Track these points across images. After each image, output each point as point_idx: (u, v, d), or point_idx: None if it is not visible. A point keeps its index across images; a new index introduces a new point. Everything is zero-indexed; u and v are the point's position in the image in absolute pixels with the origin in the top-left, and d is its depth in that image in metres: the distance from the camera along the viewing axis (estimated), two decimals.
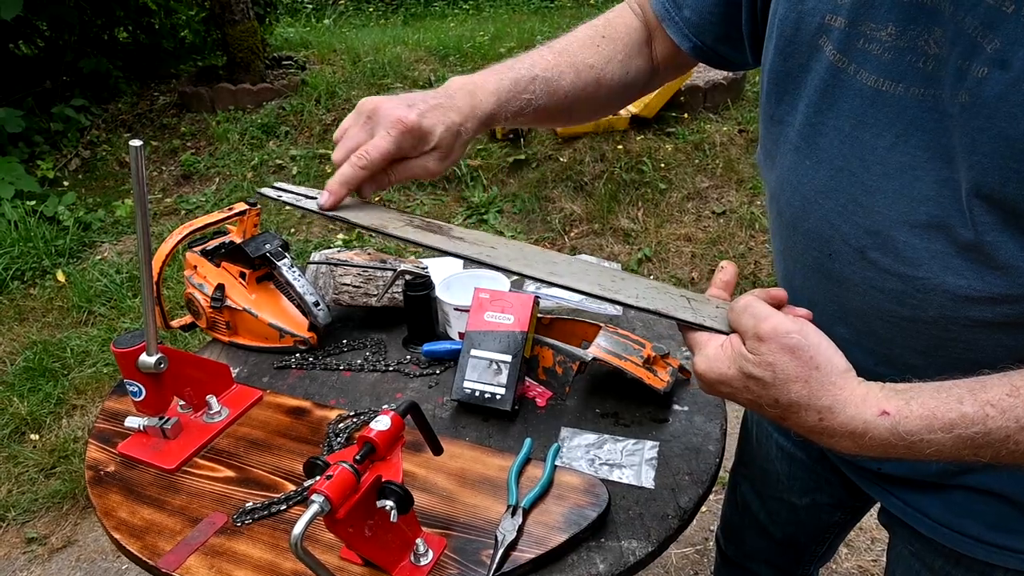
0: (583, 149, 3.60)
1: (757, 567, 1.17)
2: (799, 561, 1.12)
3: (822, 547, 1.09)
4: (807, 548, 1.09)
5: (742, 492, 1.11)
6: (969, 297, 0.55)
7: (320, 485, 0.64)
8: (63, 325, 2.85)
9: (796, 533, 1.07)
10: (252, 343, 1.21)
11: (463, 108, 0.72)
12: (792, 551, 1.10)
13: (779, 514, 1.05)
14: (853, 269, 0.62)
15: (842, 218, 0.61)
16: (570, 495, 0.86)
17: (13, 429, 2.33)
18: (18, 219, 3.33)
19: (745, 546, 1.17)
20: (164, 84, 4.87)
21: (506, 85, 0.75)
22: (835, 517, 1.01)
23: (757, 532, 1.11)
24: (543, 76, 0.77)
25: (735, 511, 1.15)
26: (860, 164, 0.58)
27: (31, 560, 1.94)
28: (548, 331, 1.14)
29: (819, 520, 1.02)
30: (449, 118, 0.71)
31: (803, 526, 1.04)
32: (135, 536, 0.84)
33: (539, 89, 0.76)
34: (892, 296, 0.60)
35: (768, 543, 1.11)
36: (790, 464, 0.97)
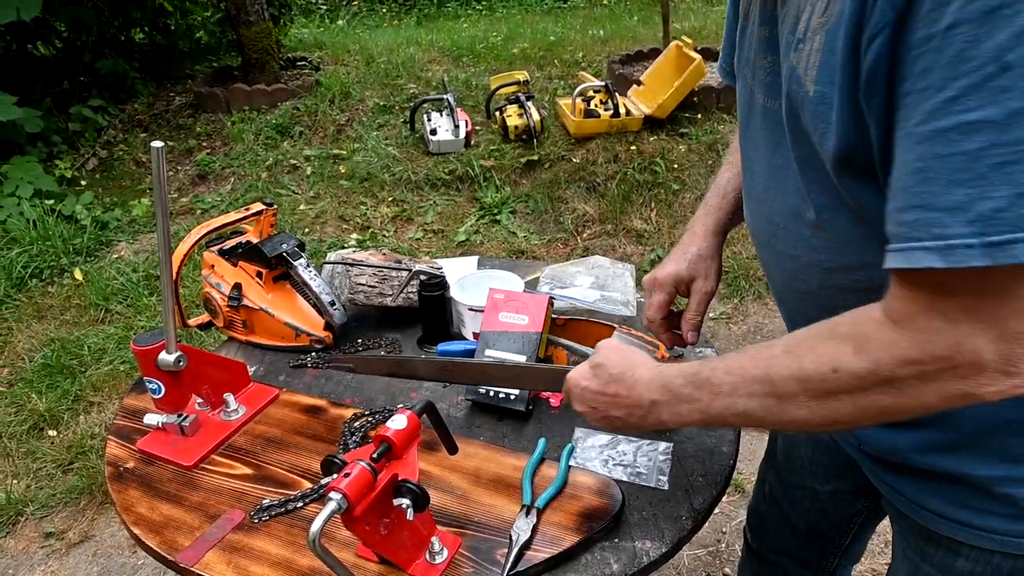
0: (596, 150, 3.59)
1: (781, 560, 1.18)
2: (823, 553, 1.12)
3: (846, 539, 1.09)
4: (831, 539, 1.09)
5: (768, 483, 1.14)
6: (830, 268, 0.67)
7: (338, 483, 0.65)
8: (80, 323, 2.89)
9: (819, 523, 1.07)
10: (268, 342, 1.22)
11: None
12: (816, 542, 1.11)
13: (802, 502, 1.06)
14: (769, 255, 0.77)
15: (759, 214, 0.76)
16: (584, 495, 0.86)
17: (32, 425, 2.37)
18: (37, 218, 3.38)
19: (770, 538, 1.18)
20: (180, 84, 4.92)
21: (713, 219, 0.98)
22: (857, 505, 1.02)
23: (781, 523, 1.12)
24: (735, 180, 0.97)
25: (761, 501, 1.17)
26: (762, 168, 0.73)
27: (49, 554, 1.97)
28: (562, 332, 1.14)
29: (841, 508, 1.03)
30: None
31: (826, 515, 1.05)
32: (154, 531, 0.85)
33: (738, 193, 0.96)
34: (789, 274, 0.73)
35: (792, 534, 1.12)
36: (814, 448, 0.99)
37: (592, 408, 0.76)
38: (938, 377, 0.52)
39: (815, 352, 0.58)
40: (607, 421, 0.76)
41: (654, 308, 0.96)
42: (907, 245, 0.49)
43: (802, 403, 0.59)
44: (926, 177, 0.47)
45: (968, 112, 0.45)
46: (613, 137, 3.61)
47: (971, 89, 0.44)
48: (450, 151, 3.80)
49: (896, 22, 0.47)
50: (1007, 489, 0.65)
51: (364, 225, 3.47)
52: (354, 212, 3.56)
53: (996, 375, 0.50)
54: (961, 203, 0.46)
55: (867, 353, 0.55)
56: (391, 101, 4.39)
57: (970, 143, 0.45)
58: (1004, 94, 0.43)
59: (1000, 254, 0.45)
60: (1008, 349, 0.49)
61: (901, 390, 0.54)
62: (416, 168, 3.76)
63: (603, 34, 5.56)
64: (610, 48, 5.03)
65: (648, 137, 3.62)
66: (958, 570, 0.72)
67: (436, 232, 3.42)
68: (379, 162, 3.81)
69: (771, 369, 0.61)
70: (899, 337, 0.53)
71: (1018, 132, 0.44)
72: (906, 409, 0.55)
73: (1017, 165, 0.44)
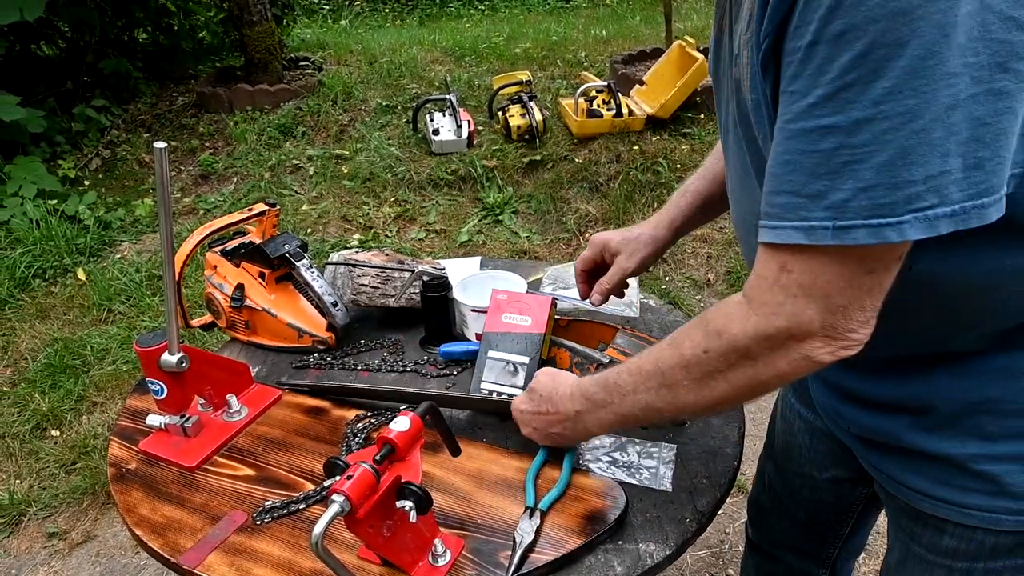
0: (599, 150, 3.58)
1: (782, 553, 1.18)
2: (824, 544, 1.13)
3: (845, 528, 1.09)
4: (831, 529, 1.10)
5: (767, 473, 1.15)
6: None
7: (340, 485, 0.65)
8: (83, 323, 2.90)
9: (819, 512, 1.08)
10: (271, 343, 1.22)
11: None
12: (816, 532, 1.11)
13: (801, 491, 1.07)
14: (746, 252, 0.79)
15: (735, 214, 0.81)
16: (588, 497, 0.86)
17: (35, 425, 2.37)
18: (40, 218, 3.39)
19: (770, 530, 1.19)
20: (183, 84, 4.92)
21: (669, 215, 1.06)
22: (856, 492, 1.03)
23: (781, 514, 1.13)
24: (699, 182, 1.04)
25: (761, 493, 1.17)
26: (735, 172, 0.77)
27: (52, 555, 1.97)
28: (566, 333, 1.14)
29: (840, 496, 1.04)
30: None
31: (825, 504, 1.06)
32: (156, 533, 0.85)
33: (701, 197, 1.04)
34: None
35: (792, 525, 1.13)
36: (811, 436, 1.01)
37: (534, 428, 0.87)
38: (783, 346, 0.61)
39: (691, 339, 0.68)
40: (551, 438, 0.86)
41: (579, 259, 1.12)
42: (778, 224, 0.57)
43: (688, 388, 0.69)
44: (793, 168, 0.55)
45: (824, 117, 0.52)
46: (615, 137, 3.60)
47: (825, 99, 0.51)
48: (452, 151, 3.80)
49: (776, 32, 0.55)
50: (984, 466, 0.69)
51: (367, 225, 3.47)
52: (357, 212, 3.56)
53: (825, 340, 0.59)
54: (820, 192, 0.53)
55: (728, 331, 0.64)
56: (393, 101, 4.39)
57: (825, 143, 0.52)
58: (849, 105, 0.50)
59: (846, 236, 0.53)
60: (832, 319, 0.58)
61: (757, 362, 0.63)
62: (418, 168, 3.75)
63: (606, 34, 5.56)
64: (613, 48, 5.03)
65: (651, 137, 3.61)
66: (944, 548, 0.75)
67: (439, 232, 3.42)
68: (382, 162, 3.81)
69: (660, 362, 0.71)
70: (751, 312, 0.62)
71: (861, 137, 0.51)
72: (766, 379, 0.64)
73: (860, 164, 0.51)
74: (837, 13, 0.49)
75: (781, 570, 1.20)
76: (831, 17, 0.49)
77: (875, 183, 0.51)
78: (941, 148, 0.49)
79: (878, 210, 0.52)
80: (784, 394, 1.09)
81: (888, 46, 0.48)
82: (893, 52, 0.48)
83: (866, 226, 0.52)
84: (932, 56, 0.47)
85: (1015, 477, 0.68)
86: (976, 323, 0.66)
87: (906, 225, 0.51)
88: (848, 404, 0.82)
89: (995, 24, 0.47)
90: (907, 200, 0.51)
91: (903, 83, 0.48)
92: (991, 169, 0.50)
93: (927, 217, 0.51)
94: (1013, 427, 0.67)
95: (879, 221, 0.52)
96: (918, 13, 0.46)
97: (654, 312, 1.28)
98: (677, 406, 0.71)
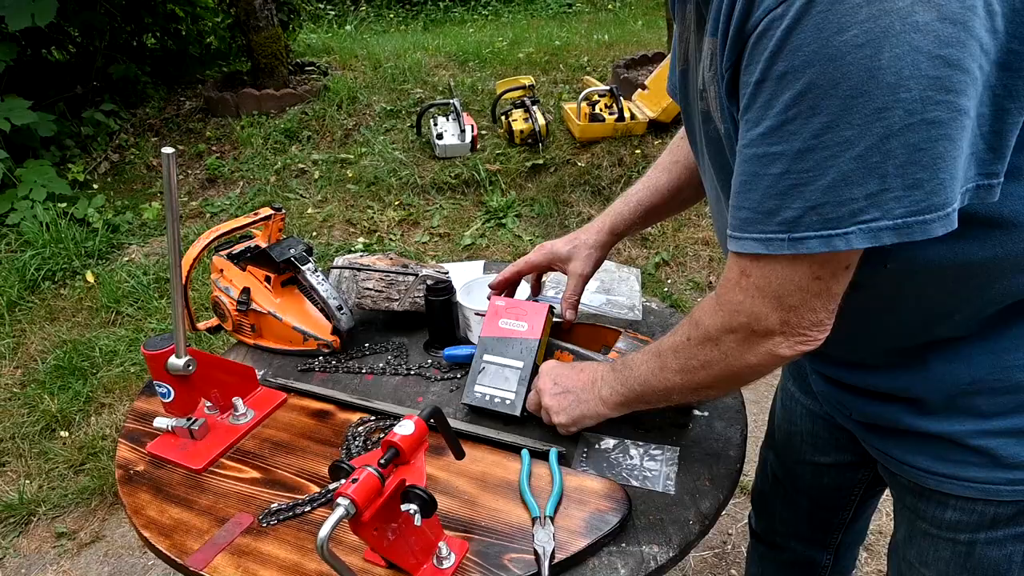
0: (601, 154, 3.59)
1: (786, 542, 1.20)
2: (828, 530, 1.15)
3: (848, 513, 1.11)
4: (834, 514, 1.12)
5: (769, 462, 1.17)
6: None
7: (346, 488, 0.66)
8: (92, 325, 2.92)
9: (821, 498, 1.10)
10: (276, 346, 1.23)
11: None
12: (820, 517, 1.13)
13: (803, 478, 1.10)
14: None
15: (715, 227, 0.87)
16: (591, 500, 0.86)
17: (44, 426, 2.39)
18: (49, 221, 3.42)
19: (774, 520, 1.20)
20: (190, 89, 4.96)
21: (611, 219, 1.12)
22: (857, 476, 1.06)
23: (784, 502, 1.16)
24: (642, 193, 1.10)
25: (764, 482, 1.20)
26: (711, 193, 0.83)
27: (60, 554, 1.99)
28: (568, 336, 1.14)
29: (842, 479, 1.07)
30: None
31: (828, 489, 1.09)
32: (164, 535, 0.86)
33: (643, 208, 1.10)
34: None
35: (795, 513, 1.15)
36: (812, 422, 1.04)
37: (558, 410, 0.92)
38: (747, 340, 0.69)
39: (682, 328, 0.78)
40: (571, 415, 0.92)
41: (519, 262, 1.15)
42: (741, 235, 0.63)
43: (675, 370, 0.78)
44: (749, 188, 0.61)
45: (772, 146, 0.58)
46: (618, 141, 3.61)
47: (772, 130, 0.57)
48: (456, 155, 3.81)
49: (732, 68, 0.61)
50: (979, 441, 0.74)
51: (371, 229, 3.49)
52: (361, 216, 3.58)
53: (781, 337, 0.67)
54: (773, 209, 0.60)
55: (703, 322, 0.73)
56: (398, 106, 4.41)
57: (774, 168, 0.58)
58: (792, 136, 0.56)
59: (800, 245, 0.60)
60: (787, 317, 0.65)
61: (727, 353, 0.71)
62: (422, 172, 3.77)
63: (608, 39, 5.57)
64: (615, 52, 5.04)
65: (653, 141, 3.62)
66: (948, 521, 0.79)
67: (442, 236, 3.43)
68: (386, 166, 3.83)
69: (660, 344, 0.82)
70: (718, 308, 0.71)
71: (804, 164, 0.56)
72: (738, 369, 0.72)
73: (806, 186, 0.57)
74: (779, 57, 0.55)
75: (786, 558, 1.21)
76: (774, 60, 0.55)
77: (821, 202, 0.57)
78: (879, 171, 0.55)
79: (827, 223, 0.58)
80: (784, 383, 1.12)
81: (822, 86, 0.53)
82: (828, 91, 0.53)
83: (818, 236, 0.58)
84: (862, 95, 0.53)
85: (1009, 449, 0.72)
86: (954, 311, 0.70)
87: (852, 236, 0.57)
88: (848, 393, 0.86)
89: (924, 63, 0.51)
90: (852, 214, 0.57)
91: (839, 118, 0.54)
92: (931, 189, 0.55)
93: (871, 229, 0.57)
94: (1004, 403, 0.72)
95: (829, 232, 0.58)
96: (847, 59, 0.52)
97: (656, 315, 1.29)
98: (668, 386, 0.81)
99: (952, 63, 0.51)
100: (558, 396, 0.92)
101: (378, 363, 1.18)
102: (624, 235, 1.12)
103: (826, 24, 0.52)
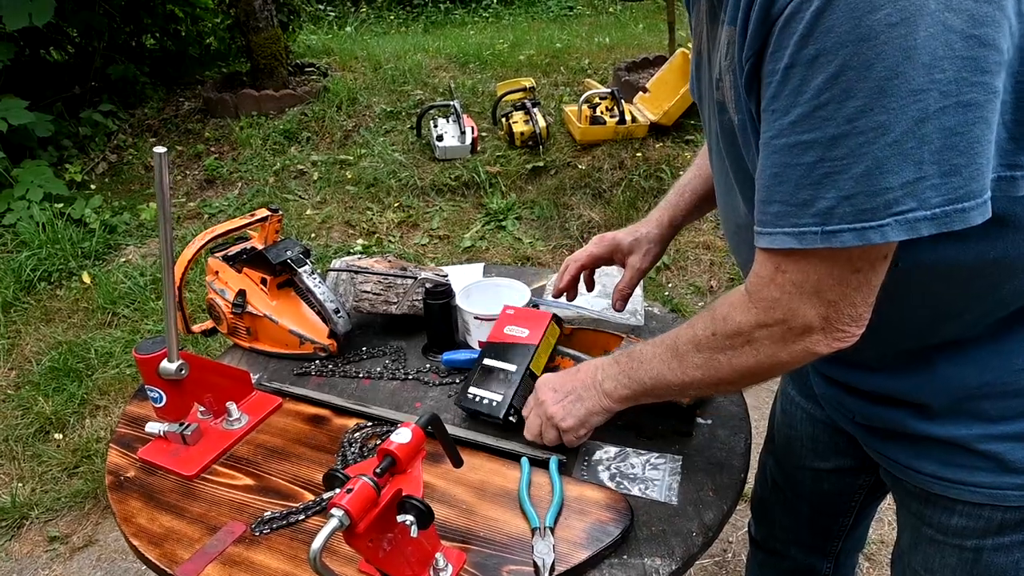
0: (602, 156, 3.58)
1: (786, 549, 1.18)
2: (828, 536, 1.13)
3: (849, 518, 1.10)
4: (834, 520, 1.11)
5: (768, 468, 1.16)
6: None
7: (340, 499, 0.64)
8: (88, 326, 2.90)
9: (822, 503, 1.09)
10: (272, 349, 1.21)
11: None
12: (821, 523, 1.12)
13: (804, 484, 1.09)
14: (736, 261, 0.85)
15: (724, 226, 0.86)
16: (592, 510, 0.84)
17: (38, 428, 2.37)
18: (46, 221, 3.40)
19: (774, 527, 1.19)
20: (189, 90, 4.95)
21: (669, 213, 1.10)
22: (858, 481, 1.04)
23: (784, 508, 1.14)
24: (695, 182, 1.08)
25: (763, 489, 1.18)
26: (721, 187, 0.82)
27: (53, 558, 1.96)
28: (569, 342, 1.12)
29: (843, 485, 1.05)
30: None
31: (828, 495, 1.07)
32: (154, 544, 0.84)
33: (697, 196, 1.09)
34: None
35: (795, 520, 1.14)
36: (813, 426, 1.03)
37: (561, 416, 0.89)
38: (783, 337, 0.66)
39: (703, 319, 0.74)
40: (576, 417, 0.88)
41: (581, 253, 1.13)
42: (773, 230, 0.61)
43: (695, 364, 0.75)
44: (780, 180, 0.59)
45: (803, 134, 0.56)
46: (619, 144, 3.60)
47: (803, 117, 0.55)
48: (456, 157, 3.80)
49: (756, 56, 0.59)
50: (987, 446, 0.72)
51: (370, 231, 3.47)
52: (360, 217, 3.56)
53: (820, 334, 0.64)
54: (806, 201, 0.58)
55: (732, 318, 0.70)
56: (398, 107, 4.40)
57: (807, 157, 0.56)
58: (825, 122, 0.54)
59: (833, 239, 0.57)
60: (826, 312, 0.63)
61: (759, 350, 0.69)
62: (422, 174, 3.75)
63: (609, 41, 5.56)
64: (616, 55, 5.03)
65: (654, 144, 3.60)
66: (954, 527, 0.78)
67: (442, 238, 3.41)
68: (385, 168, 3.81)
69: (676, 338, 0.78)
70: (752, 305, 0.67)
71: (838, 151, 0.54)
72: (768, 366, 0.70)
73: (840, 175, 0.55)
74: (810, 39, 0.53)
75: (787, 566, 1.20)
76: (804, 43, 0.53)
77: (856, 192, 0.55)
78: (915, 157, 0.53)
79: (861, 215, 0.56)
80: (784, 388, 1.11)
81: (856, 68, 0.52)
82: (861, 74, 0.52)
83: (851, 229, 0.56)
84: (897, 76, 0.51)
85: (1017, 454, 0.71)
86: (964, 312, 0.69)
87: (888, 228, 0.55)
88: (851, 396, 0.84)
89: (958, 43, 0.50)
90: (887, 205, 0.55)
91: (873, 101, 0.52)
92: (969, 175, 0.53)
93: (907, 220, 0.55)
94: (1013, 407, 0.71)
95: (863, 225, 0.56)
96: (881, 38, 0.50)
97: (658, 320, 1.27)
98: (685, 381, 0.77)
99: (986, 43, 0.50)
100: (560, 402, 0.89)
101: (375, 367, 1.16)
102: (682, 226, 1.10)
103: (858, 3, 0.50)
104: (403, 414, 1.03)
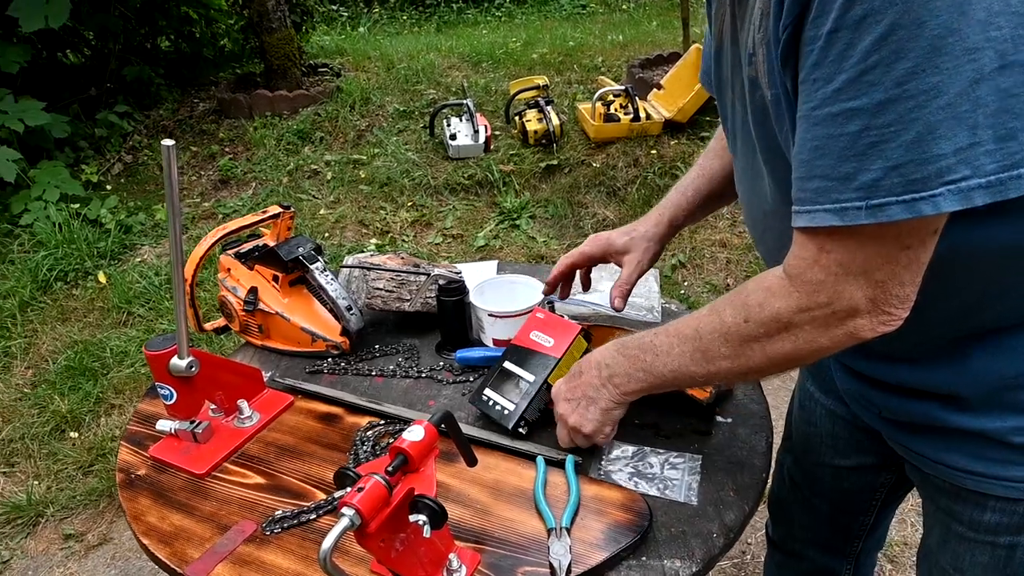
0: (616, 154, 3.55)
1: (805, 549, 1.15)
2: (848, 536, 1.10)
3: (869, 517, 1.07)
4: (855, 519, 1.08)
5: (786, 466, 1.13)
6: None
7: (351, 498, 0.62)
8: (103, 325, 2.92)
9: (842, 502, 1.06)
10: (284, 347, 1.20)
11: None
12: (841, 523, 1.09)
13: (823, 482, 1.05)
14: (763, 251, 0.82)
15: (747, 217, 0.83)
16: (610, 511, 0.82)
17: (54, 427, 2.38)
18: (62, 221, 3.43)
19: (793, 527, 1.16)
20: (204, 91, 4.98)
21: (669, 212, 1.06)
22: (880, 478, 1.01)
23: (803, 507, 1.11)
24: (698, 182, 1.05)
25: (781, 488, 1.15)
26: (747, 176, 0.78)
27: (68, 556, 1.97)
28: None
29: (864, 483, 1.02)
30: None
31: (848, 493, 1.04)
32: (164, 542, 0.83)
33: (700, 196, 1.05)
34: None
35: (814, 519, 1.10)
36: (833, 423, 1.00)
37: (576, 420, 0.86)
38: (826, 322, 0.63)
39: (732, 307, 0.70)
40: (590, 422, 0.85)
41: (573, 253, 1.09)
42: (812, 208, 0.58)
43: (724, 354, 0.71)
44: (822, 153, 0.56)
45: (849, 101, 0.53)
46: (633, 141, 3.56)
47: (849, 83, 0.52)
48: (469, 156, 3.78)
49: (795, 23, 0.56)
50: (1022, 438, 0.69)
51: (384, 230, 3.47)
52: (374, 217, 3.56)
53: (867, 317, 0.61)
54: (849, 174, 0.55)
55: (769, 304, 0.65)
56: (411, 107, 4.40)
57: (851, 126, 0.53)
58: (872, 87, 0.51)
59: (880, 214, 0.54)
60: (874, 293, 0.60)
61: (798, 336, 0.65)
62: (435, 173, 3.74)
63: (622, 39, 5.52)
64: (629, 53, 4.99)
65: (668, 141, 3.57)
66: (987, 523, 0.75)
67: (455, 237, 3.40)
68: (399, 167, 3.81)
69: (699, 326, 0.73)
70: (793, 288, 0.63)
71: (886, 117, 0.51)
72: (806, 354, 0.66)
73: (887, 144, 0.52)
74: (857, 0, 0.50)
75: (805, 568, 1.17)
76: (851, 4, 0.50)
77: (905, 160, 0.52)
78: (969, 121, 0.50)
79: (911, 186, 0.52)
80: (802, 383, 1.08)
81: (908, 27, 0.48)
82: (913, 32, 0.48)
83: (900, 202, 0.53)
84: (952, 33, 0.48)
85: None
86: (1002, 297, 0.66)
87: (940, 198, 0.52)
88: (876, 389, 0.81)
89: None
90: (939, 173, 0.51)
91: (925, 61, 0.49)
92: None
93: (960, 189, 0.51)
94: None
95: (912, 196, 0.52)
96: None
97: (675, 316, 1.23)
98: (711, 371, 0.73)
99: None
100: (576, 410, 0.86)
101: (388, 365, 1.14)
102: (682, 226, 1.07)
103: None
104: (416, 412, 1.01)
